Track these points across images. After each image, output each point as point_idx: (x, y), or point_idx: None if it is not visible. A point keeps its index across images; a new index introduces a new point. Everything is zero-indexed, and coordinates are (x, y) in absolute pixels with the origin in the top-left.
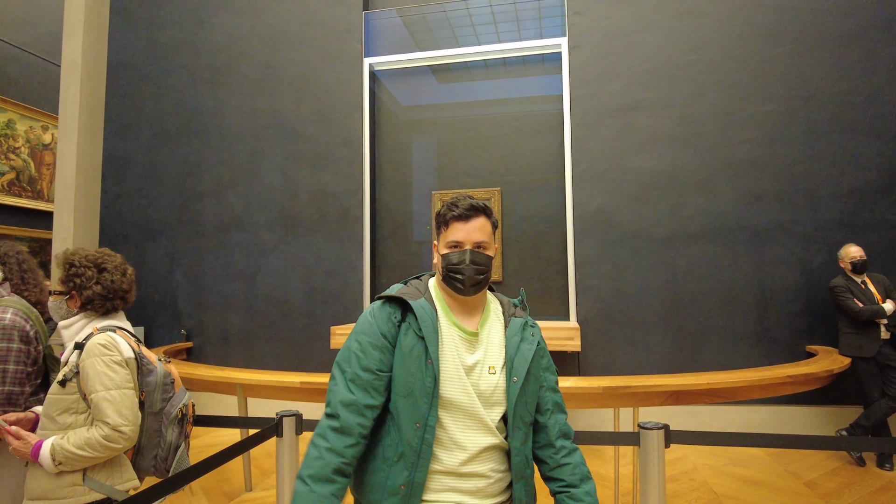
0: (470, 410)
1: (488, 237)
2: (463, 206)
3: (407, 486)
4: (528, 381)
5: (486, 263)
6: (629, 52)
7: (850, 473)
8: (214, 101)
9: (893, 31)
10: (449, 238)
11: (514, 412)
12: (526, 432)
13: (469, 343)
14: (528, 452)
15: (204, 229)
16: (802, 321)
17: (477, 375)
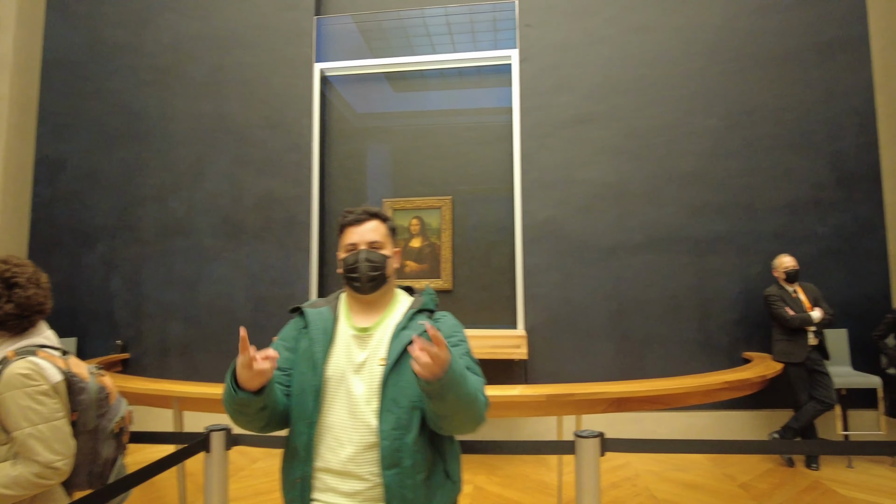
0: (351, 408)
1: (383, 238)
2: (357, 213)
3: (301, 480)
4: (405, 363)
5: (381, 261)
6: (579, 66)
7: (781, 474)
8: (159, 104)
9: (823, 53)
10: (346, 242)
11: (383, 394)
12: (399, 416)
13: (360, 340)
14: (408, 440)
15: (144, 235)
16: (740, 329)
17: (368, 371)
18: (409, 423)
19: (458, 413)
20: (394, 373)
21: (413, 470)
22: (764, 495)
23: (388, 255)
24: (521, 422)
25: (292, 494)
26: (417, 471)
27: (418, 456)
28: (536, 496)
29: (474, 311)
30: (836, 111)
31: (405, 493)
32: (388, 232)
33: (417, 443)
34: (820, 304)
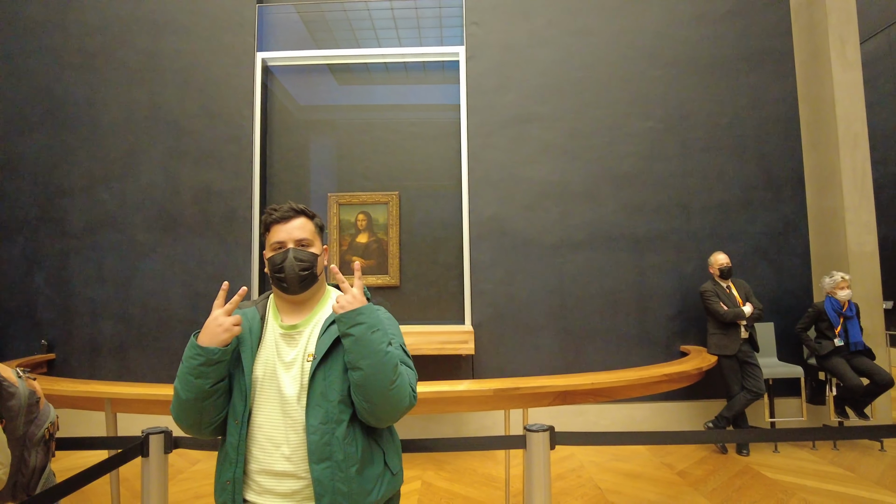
0: (282, 406)
1: (311, 235)
2: (283, 209)
3: (231, 482)
4: (334, 357)
5: (310, 260)
6: (523, 66)
7: (714, 461)
8: (86, 89)
9: (753, 62)
10: (272, 240)
11: (310, 389)
12: (328, 410)
13: (290, 338)
14: (338, 433)
15: (71, 229)
16: (677, 323)
17: (298, 368)
18: (339, 416)
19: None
20: (322, 367)
21: (345, 463)
22: (699, 481)
23: (318, 252)
24: (467, 416)
25: (223, 497)
26: (350, 463)
27: (350, 448)
28: (484, 490)
29: (422, 307)
30: (763, 117)
31: (338, 486)
32: (315, 229)
33: (349, 436)
34: (750, 300)
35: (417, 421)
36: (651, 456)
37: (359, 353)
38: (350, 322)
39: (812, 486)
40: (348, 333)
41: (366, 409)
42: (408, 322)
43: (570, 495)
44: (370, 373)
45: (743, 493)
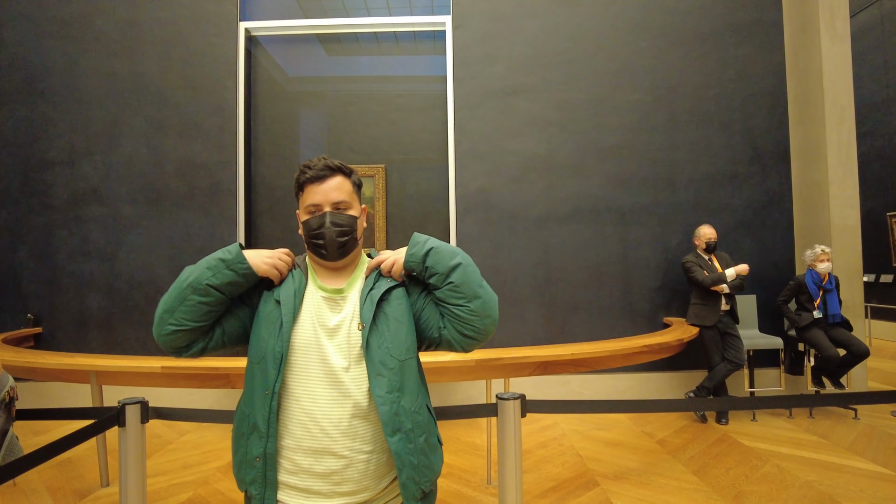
0: (327, 378)
1: (349, 196)
2: (317, 167)
3: (262, 459)
4: (382, 322)
5: (349, 224)
6: (510, 36)
7: (694, 430)
8: (64, 59)
9: (742, 34)
10: (307, 202)
11: (369, 358)
12: (391, 379)
13: (333, 303)
14: (404, 402)
15: (54, 202)
16: (660, 295)
17: (344, 335)
18: (402, 385)
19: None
20: (374, 334)
21: (413, 433)
22: (678, 449)
23: (357, 214)
24: (453, 387)
25: (252, 475)
26: (418, 433)
27: (417, 418)
28: (468, 458)
29: None
30: (751, 90)
31: (411, 459)
32: (353, 188)
33: (414, 404)
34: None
35: None
36: (631, 425)
37: (447, 256)
38: (419, 252)
39: (786, 452)
40: (426, 256)
41: (472, 311)
42: None
43: (551, 463)
44: (465, 262)
45: (719, 459)
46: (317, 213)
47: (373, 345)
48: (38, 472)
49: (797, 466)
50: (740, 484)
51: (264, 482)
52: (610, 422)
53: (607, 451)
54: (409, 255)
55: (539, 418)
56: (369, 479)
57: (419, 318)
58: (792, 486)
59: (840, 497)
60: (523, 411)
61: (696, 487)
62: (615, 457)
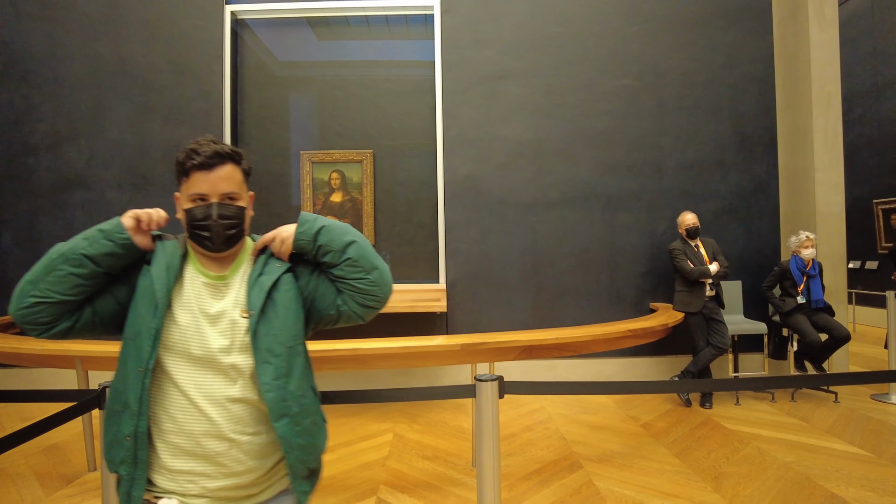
0: (206, 361)
1: (238, 186)
2: (206, 153)
3: (132, 437)
4: (270, 309)
5: (238, 216)
6: (499, 21)
7: (678, 413)
8: (47, 41)
9: (730, 19)
10: (192, 190)
11: (256, 346)
12: (278, 366)
13: (215, 289)
14: (291, 387)
15: (37, 187)
16: (647, 281)
17: (227, 323)
18: (289, 370)
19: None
20: (262, 322)
21: (300, 416)
22: (662, 432)
23: (245, 205)
24: (441, 373)
25: (122, 454)
26: (304, 416)
27: (304, 401)
28: (454, 441)
29: (396, 266)
30: (739, 76)
31: (298, 441)
32: (243, 177)
33: (300, 388)
34: (717, 258)
35: (390, 376)
36: (618, 409)
37: (339, 233)
38: (310, 230)
39: (767, 435)
40: (318, 235)
41: (372, 282)
42: None
43: (536, 446)
44: (359, 237)
45: (702, 442)
46: (203, 203)
47: (260, 332)
48: (26, 457)
49: (777, 448)
50: (721, 465)
51: (134, 462)
52: (595, 406)
53: (592, 434)
54: (299, 234)
55: (526, 403)
56: (254, 459)
57: (313, 299)
58: (771, 467)
59: (817, 477)
60: (501, 392)
61: (677, 469)
62: (599, 440)
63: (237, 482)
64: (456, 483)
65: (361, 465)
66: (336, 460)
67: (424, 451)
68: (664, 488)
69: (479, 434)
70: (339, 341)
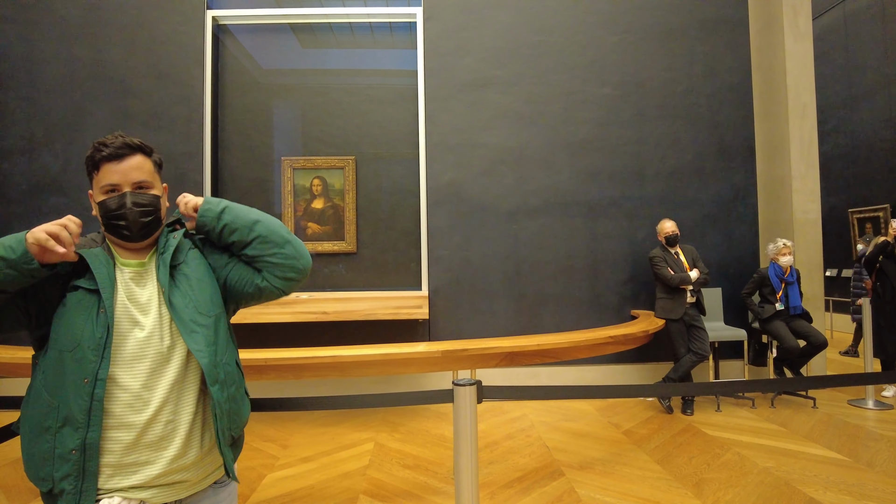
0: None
1: (150, 176)
2: (115, 145)
3: (79, 450)
4: (183, 283)
5: (153, 203)
6: (480, 29)
7: (660, 421)
8: (23, 44)
9: (708, 30)
10: (103, 182)
11: (178, 318)
12: (206, 334)
13: (139, 277)
14: (220, 355)
15: (11, 192)
16: (628, 288)
17: (156, 307)
18: (216, 339)
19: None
20: (176, 295)
21: (227, 383)
22: (644, 439)
23: (159, 194)
24: (423, 379)
25: (65, 469)
26: (230, 383)
27: (228, 369)
28: (435, 449)
29: (379, 273)
30: (717, 86)
31: (226, 407)
32: (155, 167)
33: (225, 356)
34: (697, 265)
35: (372, 385)
36: (599, 416)
37: (244, 212)
38: (216, 206)
39: (747, 441)
40: (222, 213)
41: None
42: (365, 288)
43: (518, 454)
44: (265, 219)
45: (683, 448)
46: (116, 194)
47: (178, 305)
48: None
49: (756, 454)
50: (702, 472)
51: (82, 474)
52: (577, 413)
53: (574, 441)
54: (203, 209)
55: (508, 410)
56: (195, 437)
57: (228, 282)
58: (751, 472)
59: (795, 482)
60: (479, 397)
61: (658, 476)
62: (581, 447)
63: (181, 464)
64: (437, 492)
65: (341, 474)
66: (315, 469)
67: (405, 460)
68: (646, 495)
69: (458, 440)
70: (320, 349)
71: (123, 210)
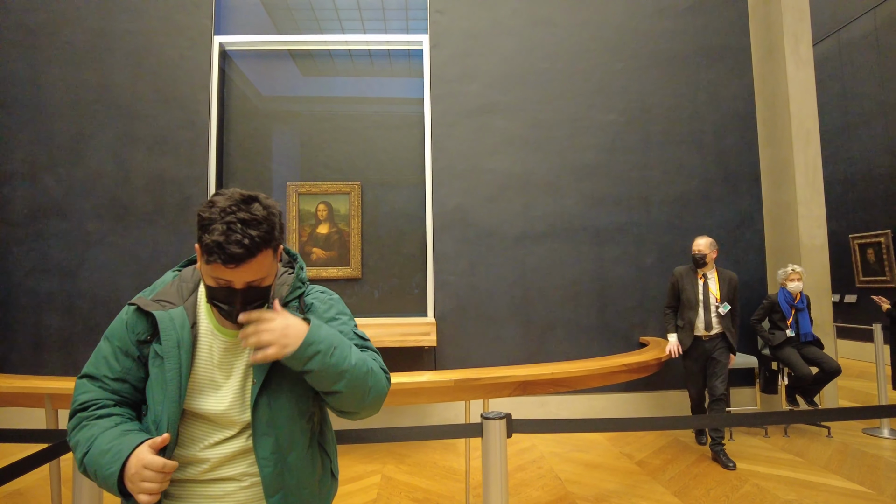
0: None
1: (267, 271)
2: (231, 251)
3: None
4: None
5: (263, 296)
6: (486, 55)
7: (673, 450)
8: (28, 68)
9: (712, 58)
10: (214, 273)
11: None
12: (277, 438)
13: (234, 346)
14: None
15: (12, 217)
16: (636, 314)
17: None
18: (291, 442)
19: (344, 386)
20: (265, 393)
21: (297, 487)
22: (658, 470)
23: (272, 282)
24: (429, 409)
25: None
26: (303, 486)
27: (303, 473)
28: (445, 482)
29: (384, 299)
30: (722, 112)
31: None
32: (273, 256)
33: (302, 458)
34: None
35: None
36: (610, 446)
37: (327, 381)
38: (303, 358)
39: (764, 472)
40: (307, 371)
41: (348, 416)
42: (370, 315)
43: (531, 486)
44: (347, 391)
45: (699, 480)
46: (226, 286)
47: (261, 403)
48: None
49: (776, 486)
50: None
51: None
52: (588, 443)
53: (587, 473)
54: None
55: (518, 440)
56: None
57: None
58: None
59: None
60: (509, 431)
61: None
62: (595, 479)
63: None
64: None
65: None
66: None
67: (415, 494)
68: None
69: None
70: None
71: (228, 303)
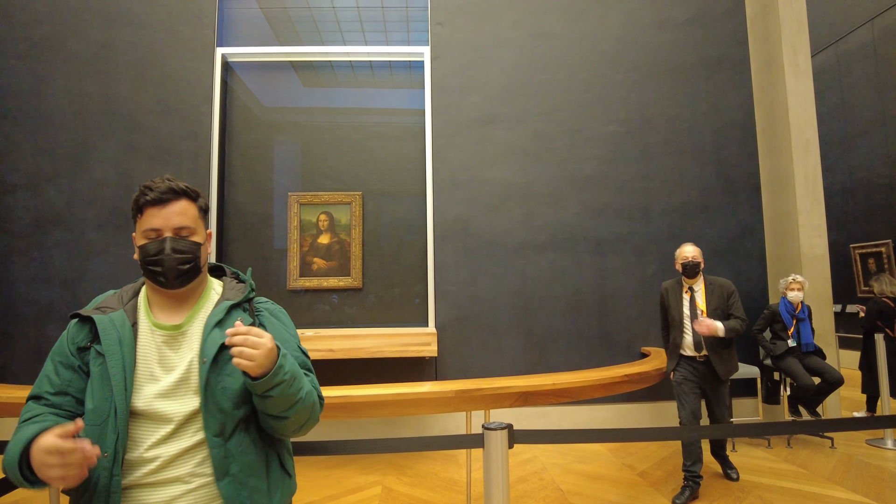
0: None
1: (193, 222)
2: (160, 189)
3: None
4: (222, 362)
5: (192, 251)
6: (487, 67)
7: (675, 461)
8: (32, 80)
9: (711, 69)
10: (145, 226)
11: (206, 399)
12: (223, 421)
13: (173, 341)
14: (230, 445)
15: (14, 227)
16: (638, 325)
17: (184, 372)
18: (232, 426)
19: (291, 413)
20: (213, 373)
21: (242, 474)
22: (660, 481)
23: (201, 241)
24: (430, 420)
25: None
26: (248, 474)
27: (246, 458)
28: (446, 494)
29: (385, 309)
30: (721, 123)
31: (242, 500)
32: (199, 213)
33: (242, 444)
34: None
35: (378, 424)
36: (612, 457)
37: (279, 408)
38: (270, 384)
39: (767, 483)
40: (268, 396)
41: (274, 429)
42: (370, 325)
43: (532, 498)
44: (291, 419)
45: (703, 491)
46: (156, 238)
47: (211, 383)
48: None
49: (780, 498)
50: None
51: None
52: (590, 454)
53: (589, 484)
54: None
55: (519, 451)
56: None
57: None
58: None
59: None
60: (510, 442)
61: None
62: (597, 490)
63: None
64: None
65: None
66: None
67: None
68: None
69: (489, 488)
70: (330, 388)
71: (161, 255)
